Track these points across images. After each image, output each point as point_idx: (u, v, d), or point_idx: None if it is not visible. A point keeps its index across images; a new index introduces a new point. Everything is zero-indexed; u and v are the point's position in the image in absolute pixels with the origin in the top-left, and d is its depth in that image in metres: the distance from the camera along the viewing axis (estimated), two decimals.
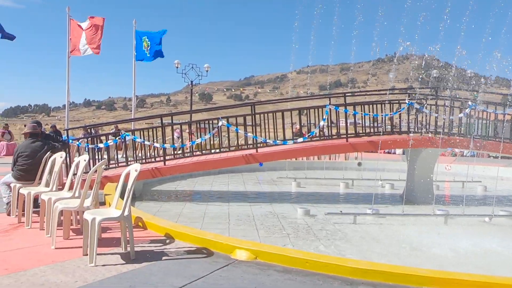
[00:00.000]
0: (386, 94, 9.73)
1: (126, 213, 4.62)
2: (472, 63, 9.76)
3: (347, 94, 9.88)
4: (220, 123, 9.13)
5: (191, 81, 30.14)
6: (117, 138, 9.86)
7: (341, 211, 7.84)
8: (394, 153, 24.95)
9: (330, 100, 10.29)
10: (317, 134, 9.55)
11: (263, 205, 9.09)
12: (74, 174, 6.25)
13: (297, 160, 16.55)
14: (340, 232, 6.87)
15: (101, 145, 9.55)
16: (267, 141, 9.16)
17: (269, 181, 13.21)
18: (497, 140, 9.71)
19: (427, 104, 10.03)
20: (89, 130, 13.99)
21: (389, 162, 17.52)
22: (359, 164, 16.69)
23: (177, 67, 29.20)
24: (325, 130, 10.31)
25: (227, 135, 11.74)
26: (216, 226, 7.09)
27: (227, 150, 9.74)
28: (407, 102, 9.47)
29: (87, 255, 4.51)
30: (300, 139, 9.28)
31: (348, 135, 9.67)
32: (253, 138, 9.23)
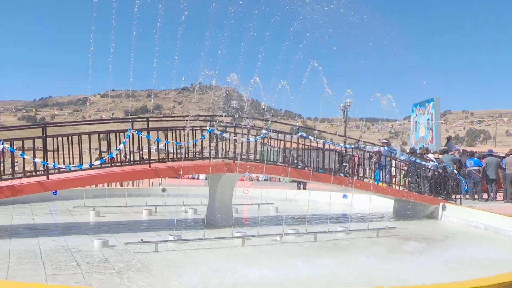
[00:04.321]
0: (187, 120, 9.88)
1: None
2: (265, 96, 10.69)
3: (150, 119, 9.70)
4: (1, 147, 7.86)
5: None
6: None
7: (141, 240, 7.50)
8: (198, 178, 25.66)
9: (132, 125, 9.97)
10: (117, 159, 9.09)
11: (54, 239, 8.10)
12: None
13: (97, 187, 15.48)
14: (140, 262, 6.53)
15: None
16: (57, 166, 8.26)
17: (63, 211, 11.95)
18: (285, 165, 10.79)
19: (227, 132, 10.57)
20: None
21: (192, 188, 17.87)
22: (163, 190, 16.56)
23: None
24: (128, 155, 9.95)
25: (11, 161, 10.16)
26: None
27: (10, 177, 8.42)
28: (208, 129, 9.80)
29: None
30: (97, 162, 8.65)
31: (151, 161, 9.45)
32: (42, 164, 8.21)
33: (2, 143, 7.85)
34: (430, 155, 16.10)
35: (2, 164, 8.56)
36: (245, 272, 6.09)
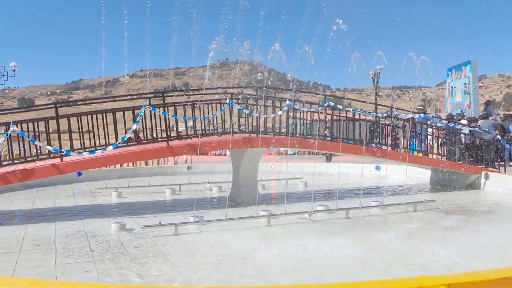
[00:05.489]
0: (203, 94, 9.29)
1: None
2: (288, 65, 9.93)
3: (166, 95, 9.14)
4: (10, 130, 7.48)
5: None
6: None
7: (160, 223, 7.05)
8: (226, 154, 25.28)
9: (150, 101, 9.49)
10: (135, 138, 8.63)
11: (72, 223, 7.78)
12: None
13: (122, 166, 15.25)
14: (157, 248, 6.07)
15: None
16: (71, 153, 7.84)
17: (86, 193, 11.70)
18: (312, 137, 10.09)
19: (250, 104, 9.96)
20: None
21: (219, 164, 17.43)
22: (189, 167, 16.21)
23: None
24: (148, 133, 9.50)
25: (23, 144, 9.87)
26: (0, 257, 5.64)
27: (23, 161, 8.10)
28: (227, 102, 9.19)
29: None
30: (110, 147, 8.17)
31: (169, 138, 8.94)
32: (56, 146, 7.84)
33: (12, 125, 7.47)
34: (463, 121, 15.02)
35: (16, 148, 8.27)
36: (273, 252, 5.56)
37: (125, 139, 8.18)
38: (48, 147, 7.72)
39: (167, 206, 9.97)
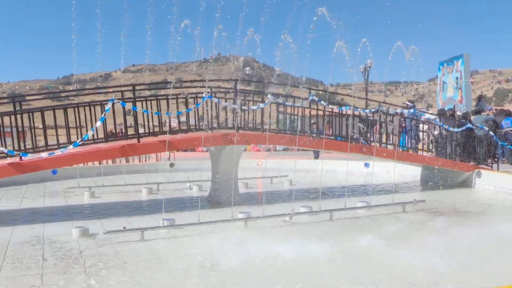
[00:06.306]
0: (175, 87, 8.66)
1: None
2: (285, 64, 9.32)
3: (136, 88, 8.51)
4: None
5: None
6: None
7: (124, 228, 6.43)
8: None
9: (122, 94, 8.86)
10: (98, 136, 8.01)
11: (32, 227, 7.17)
12: None
13: (100, 164, 14.62)
14: (119, 257, 5.48)
15: None
16: (27, 155, 7.16)
17: (57, 193, 11.05)
18: (295, 134, 9.52)
19: (228, 99, 9.38)
20: None
21: (204, 161, 16.81)
22: (172, 165, 15.61)
23: None
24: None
25: None
26: None
27: None
28: (204, 96, 8.58)
29: None
30: (70, 146, 7.51)
31: (141, 135, 8.32)
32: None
33: None
34: (427, 115, 14.45)
35: None
36: (241, 264, 5.01)
37: (87, 137, 7.54)
38: (1, 148, 7.08)
39: (141, 207, 9.37)
